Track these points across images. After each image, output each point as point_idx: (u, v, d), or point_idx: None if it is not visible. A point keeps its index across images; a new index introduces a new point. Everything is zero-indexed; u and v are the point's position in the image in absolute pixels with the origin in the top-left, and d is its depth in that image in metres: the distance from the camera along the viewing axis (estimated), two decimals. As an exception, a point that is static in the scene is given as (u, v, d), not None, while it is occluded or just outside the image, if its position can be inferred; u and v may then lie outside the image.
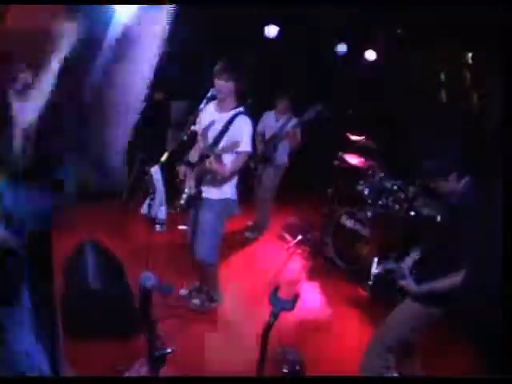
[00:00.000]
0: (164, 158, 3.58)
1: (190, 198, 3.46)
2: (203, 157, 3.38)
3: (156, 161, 3.33)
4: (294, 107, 5.11)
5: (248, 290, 4.29)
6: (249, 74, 3.58)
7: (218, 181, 3.43)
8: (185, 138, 3.27)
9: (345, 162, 5.24)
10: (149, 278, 2.06)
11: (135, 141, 5.86)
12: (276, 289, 2.13)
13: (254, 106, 4.53)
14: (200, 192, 3.41)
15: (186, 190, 3.47)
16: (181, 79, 5.69)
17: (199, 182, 3.40)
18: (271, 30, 5.68)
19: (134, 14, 4.66)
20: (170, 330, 3.48)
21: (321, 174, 5.42)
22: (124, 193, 5.44)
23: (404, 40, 5.76)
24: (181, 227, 5.09)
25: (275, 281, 4.29)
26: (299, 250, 5.23)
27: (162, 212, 3.14)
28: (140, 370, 2.92)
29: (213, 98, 3.66)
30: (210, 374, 3.14)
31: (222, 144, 3.36)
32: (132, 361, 3.01)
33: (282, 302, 2.05)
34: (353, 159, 5.19)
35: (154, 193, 3.09)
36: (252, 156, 4.69)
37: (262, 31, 5.74)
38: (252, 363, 2.13)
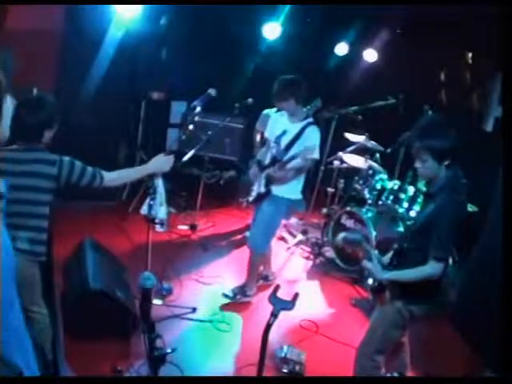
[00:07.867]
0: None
1: (259, 195, 3.87)
2: (274, 161, 3.75)
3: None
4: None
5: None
6: (303, 83, 3.73)
7: (283, 182, 3.78)
8: (184, 137, 3.28)
9: (345, 162, 5.22)
10: (149, 278, 2.06)
11: (135, 141, 5.89)
12: (276, 289, 2.13)
13: (253, 105, 4.52)
14: (269, 190, 3.80)
15: (255, 188, 3.91)
16: (181, 79, 5.68)
17: (269, 182, 3.79)
18: (270, 30, 5.66)
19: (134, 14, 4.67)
20: (171, 330, 3.50)
21: (321, 174, 5.39)
22: (124, 193, 5.43)
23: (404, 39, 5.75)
24: (181, 227, 5.10)
25: (275, 281, 4.29)
26: (299, 250, 5.23)
27: (162, 212, 3.14)
28: (140, 370, 2.92)
29: (209, 97, 3.71)
30: (210, 374, 3.15)
31: (292, 151, 3.66)
32: (132, 361, 3.02)
33: (282, 302, 2.05)
34: (353, 159, 5.17)
35: (154, 193, 3.09)
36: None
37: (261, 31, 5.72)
38: (252, 363, 2.13)
